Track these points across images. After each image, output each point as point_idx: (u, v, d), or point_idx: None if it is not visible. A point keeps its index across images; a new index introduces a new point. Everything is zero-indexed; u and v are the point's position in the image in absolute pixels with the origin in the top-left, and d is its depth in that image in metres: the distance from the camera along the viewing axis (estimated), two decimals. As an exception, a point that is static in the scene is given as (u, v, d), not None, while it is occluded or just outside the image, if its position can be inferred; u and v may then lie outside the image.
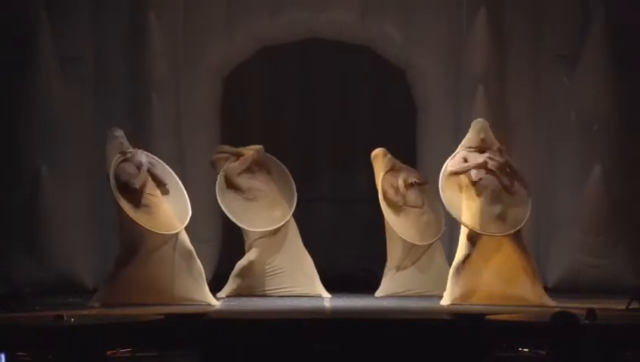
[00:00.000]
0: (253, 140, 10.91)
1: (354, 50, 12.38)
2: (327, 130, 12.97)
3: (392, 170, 10.71)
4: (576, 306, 8.78)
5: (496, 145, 9.82)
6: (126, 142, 9.74)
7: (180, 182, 9.89)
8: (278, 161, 10.73)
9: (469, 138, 9.86)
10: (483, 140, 9.75)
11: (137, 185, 9.56)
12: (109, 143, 9.74)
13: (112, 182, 9.52)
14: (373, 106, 13.07)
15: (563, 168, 11.50)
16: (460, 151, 9.85)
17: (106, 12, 11.60)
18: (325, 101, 13.04)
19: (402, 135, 10.95)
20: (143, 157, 9.73)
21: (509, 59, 11.67)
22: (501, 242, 9.64)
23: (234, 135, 12.09)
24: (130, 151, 9.73)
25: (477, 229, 9.60)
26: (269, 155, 10.73)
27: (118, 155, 9.67)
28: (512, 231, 9.60)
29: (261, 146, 10.69)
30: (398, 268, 10.62)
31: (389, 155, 10.72)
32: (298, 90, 13.04)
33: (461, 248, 9.74)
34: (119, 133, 9.79)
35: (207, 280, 10.95)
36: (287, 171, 10.72)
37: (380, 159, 10.72)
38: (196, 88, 11.75)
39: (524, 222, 9.64)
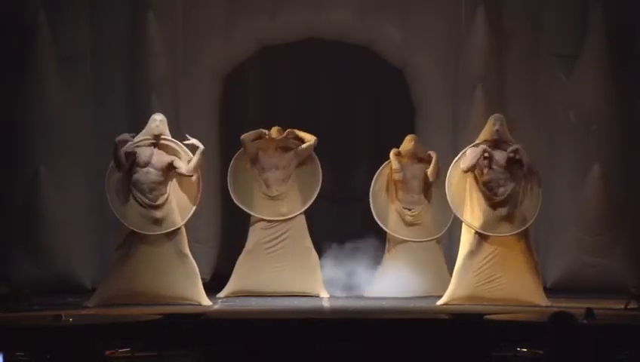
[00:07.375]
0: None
1: (353, 49, 12.38)
2: (327, 129, 12.96)
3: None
4: (574, 306, 8.79)
5: (511, 142, 9.77)
6: (161, 127, 9.80)
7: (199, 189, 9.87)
8: (318, 162, 10.65)
9: (485, 131, 9.85)
10: (497, 132, 9.72)
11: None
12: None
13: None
14: (373, 106, 13.07)
15: (562, 167, 11.50)
16: (469, 149, 9.83)
17: (105, 12, 11.60)
18: (325, 101, 13.05)
19: (401, 134, 10.94)
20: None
21: (507, 59, 11.67)
22: (507, 242, 9.63)
23: (234, 135, 12.08)
24: (140, 142, 9.75)
25: (480, 229, 9.60)
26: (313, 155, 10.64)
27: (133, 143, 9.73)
28: (514, 233, 9.60)
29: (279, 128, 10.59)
30: (395, 268, 10.61)
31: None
32: (298, 89, 13.04)
33: (464, 247, 9.74)
34: (158, 116, 9.87)
35: (206, 280, 10.99)
36: (319, 173, 10.64)
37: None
38: (196, 88, 11.75)
39: (532, 220, 9.63)
